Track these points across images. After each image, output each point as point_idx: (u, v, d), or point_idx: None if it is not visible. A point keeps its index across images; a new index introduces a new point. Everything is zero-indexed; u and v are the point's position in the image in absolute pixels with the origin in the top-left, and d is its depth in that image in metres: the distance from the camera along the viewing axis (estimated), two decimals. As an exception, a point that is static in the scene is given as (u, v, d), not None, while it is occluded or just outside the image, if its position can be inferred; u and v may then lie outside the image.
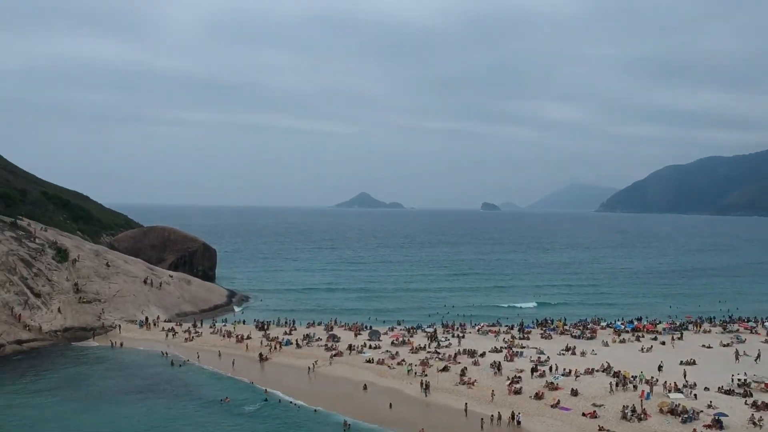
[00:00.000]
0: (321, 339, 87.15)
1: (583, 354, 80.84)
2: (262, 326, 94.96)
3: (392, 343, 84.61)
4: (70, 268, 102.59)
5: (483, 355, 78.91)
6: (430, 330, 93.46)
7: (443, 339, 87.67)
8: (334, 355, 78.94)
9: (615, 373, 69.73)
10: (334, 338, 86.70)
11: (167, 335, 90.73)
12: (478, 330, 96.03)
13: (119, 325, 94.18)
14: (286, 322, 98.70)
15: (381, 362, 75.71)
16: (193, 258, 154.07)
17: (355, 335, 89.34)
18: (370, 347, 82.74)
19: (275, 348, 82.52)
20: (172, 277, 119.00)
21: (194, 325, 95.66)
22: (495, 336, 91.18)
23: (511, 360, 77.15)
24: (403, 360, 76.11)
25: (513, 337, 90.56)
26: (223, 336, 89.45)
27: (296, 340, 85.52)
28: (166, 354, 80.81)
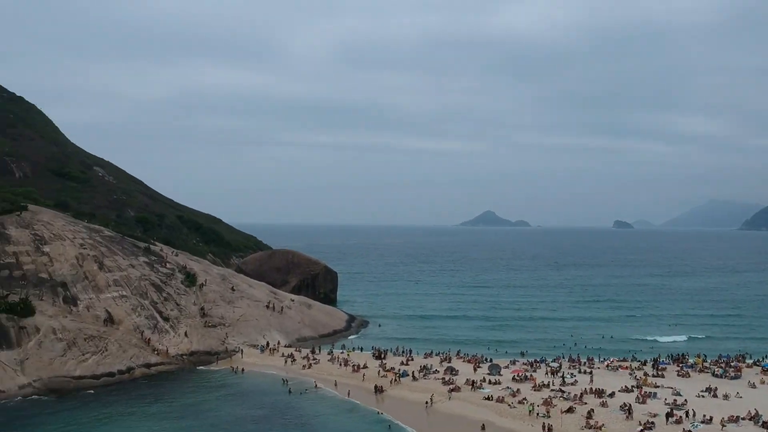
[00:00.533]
0: (438, 371, 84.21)
1: (726, 397, 72.91)
2: (379, 355, 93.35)
3: (513, 378, 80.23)
4: (197, 293, 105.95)
5: (612, 395, 72.99)
6: (555, 365, 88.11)
7: (569, 375, 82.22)
8: (452, 390, 75.72)
9: (765, 423, 62.03)
10: (452, 371, 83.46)
11: (286, 361, 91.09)
12: (608, 365, 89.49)
13: (242, 350, 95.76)
14: (403, 352, 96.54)
15: (501, 400, 71.67)
16: (315, 281, 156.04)
17: (475, 369, 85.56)
18: (490, 382, 78.80)
19: (395, 381, 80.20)
20: (293, 301, 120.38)
21: (312, 351, 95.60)
22: (629, 373, 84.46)
23: (644, 402, 70.77)
24: (525, 398, 71.66)
25: (646, 374, 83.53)
26: (340, 364, 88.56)
27: (413, 372, 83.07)
28: (286, 381, 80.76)
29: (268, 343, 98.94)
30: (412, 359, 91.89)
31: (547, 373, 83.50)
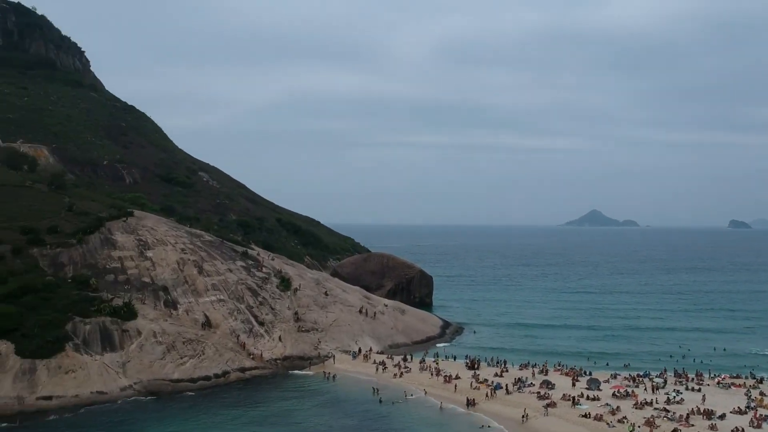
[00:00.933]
0: (534, 384, 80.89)
1: None
2: (472, 365, 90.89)
3: (613, 394, 75.78)
4: (291, 297, 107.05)
5: (723, 417, 67.48)
6: (660, 380, 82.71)
7: (674, 392, 76.86)
8: (548, 406, 72.32)
9: None
10: (548, 384, 79.91)
11: (377, 369, 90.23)
12: (718, 382, 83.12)
13: (334, 356, 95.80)
14: (497, 362, 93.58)
15: (599, 418, 67.74)
16: (411, 285, 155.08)
17: (573, 383, 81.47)
18: (588, 398, 74.78)
19: (491, 395, 77.39)
20: (387, 306, 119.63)
21: (404, 359, 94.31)
22: (744, 393, 78.01)
23: (759, 426, 65.01)
24: (625, 417, 67.38)
25: (762, 394, 76.92)
26: (432, 374, 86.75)
27: (506, 385, 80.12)
28: (377, 391, 79.79)
29: (360, 349, 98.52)
30: (507, 370, 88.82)
31: (650, 390, 78.46)
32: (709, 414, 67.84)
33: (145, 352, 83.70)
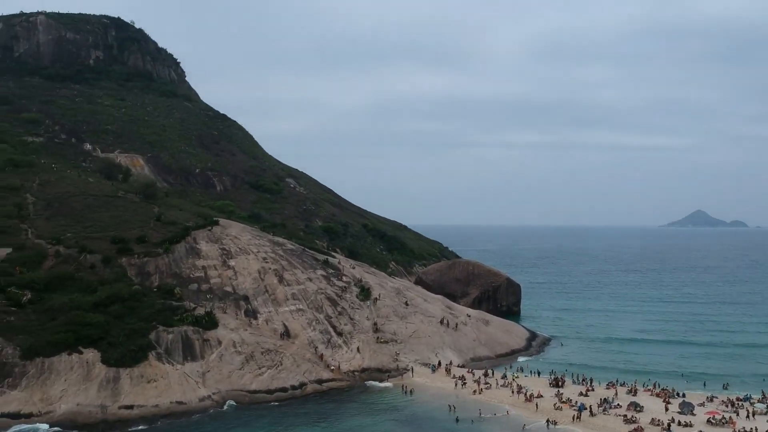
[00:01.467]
0: (621, 406, 76.13)
1: None
2: (556, 382, 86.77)
3: (708, 420, 70.16)
4: (371, 307, 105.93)
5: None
6: (762, 405, 76.03)
7: (781, 421, 70.37)
8: (634, 431, 67.72)
9: None
10: (636, 407, 74.90)
11: (456, 384, 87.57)
12: (834, 410, 75.57)
13: (412, 368, 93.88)
14: (583, 380, 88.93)
15: (692, 448, 62.72)
16: (497, 293, 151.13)
17: (666, 406, 75.95)
18: (679, 423, 69.52)
19: (576, 418, 73.33)
20: (469, 317, 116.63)
21: (485, 374, 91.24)
22: None
23: None
24: (722, 448, 62.10)
25: None
26: (513, 391, 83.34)
27: (590, 406, 75.73)
28: (453, 408, 77.25)
29: (439, 362, 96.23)
30: (593, 389, 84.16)
31: (751, 416, 72.21)
32: (818, 448, 61.52)
33: (224, 362, 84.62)
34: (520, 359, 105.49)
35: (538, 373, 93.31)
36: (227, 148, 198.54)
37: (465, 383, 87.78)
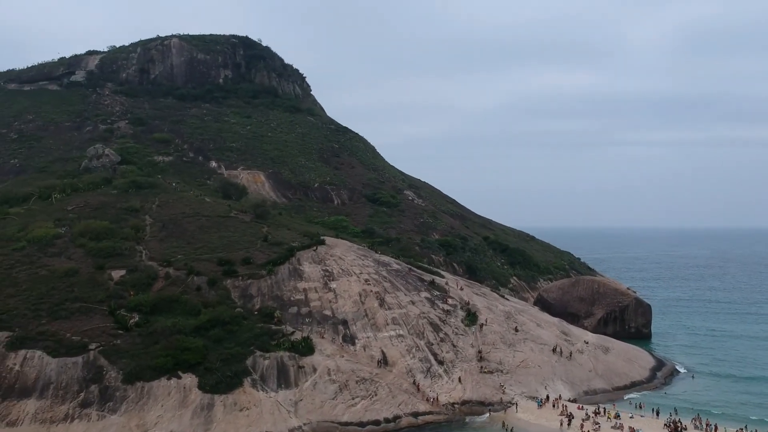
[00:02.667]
0: (750, 462, 66.51)
1: None
2: (675, 427, 77.65)
3: None
4: (476, 333, 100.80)
5: None
6: None
7: None
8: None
9: None
10: (769, 466, 65.07)
11: (562, 423, 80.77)
12: None
13: (517, 403, 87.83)
14: (707, 425, 78.95)
15: None
16: (624, 314, 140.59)
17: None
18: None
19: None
20: (587, 343, 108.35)
21: (596, 412, 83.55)
22: None
23: None
24: None
25: None
26: (624, 436, 75.48)
27: (712, 461, 66.67)
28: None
29: (548, 396, 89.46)
30: (718, 438, 74.52)
31: None
32: None
33: (317, 390, 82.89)
34: (640, 393, 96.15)
35: (657, 413, 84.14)
36: (347, 161, 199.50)
37: (571, 422, 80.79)
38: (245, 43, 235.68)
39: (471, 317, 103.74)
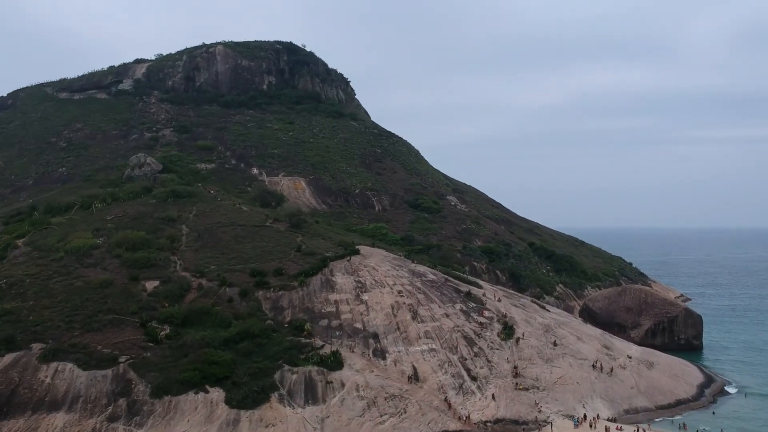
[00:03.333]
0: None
1: None
2: (720, 454, 73.29)
3: None
4: (512, 348, 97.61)
5: None
6: None
7: None
8: None
9: None
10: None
11: (599, 445, 77.24)
12: None
13: (552, 422, 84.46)
14: (756, 453, 74.34)
15: None
16: (673, 325, 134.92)
17: None
18: None
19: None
20: (630, 358, 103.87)
21: (637, 434, 79.67)
22: None
23: None
24: None
25: None
26: (664, 462, 71.55)
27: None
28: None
29: (585, 415, 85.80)
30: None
31: None
32: None
33: (345, 407, 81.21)
34: (685, 414, 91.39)
35: (703, 436, 79.87)
36: (389, 166, 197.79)
37: (609, 445, 77.17)
38: (289, 48, 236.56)
39: (508, 331, 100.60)
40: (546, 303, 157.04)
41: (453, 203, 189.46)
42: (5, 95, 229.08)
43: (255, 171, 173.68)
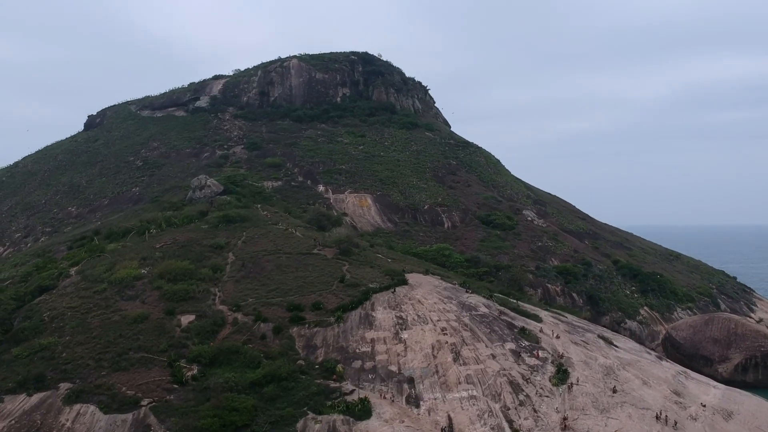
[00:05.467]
0: None
1: None
2: None
3: None
4: (564, 395, 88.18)
5: None
6: None
7: None
8: None
9: None
10: None
11: None
12: None
13: (602, 487, 74.97)
14: None
15: None
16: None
17: None
18: None
19: None
20: (704, 407, 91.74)
21: None
22: None
23: None
24: None
25: None
26: None
27: None
28: None
29: (641, 481, 75.65)
30: None
31: None
32: None
33: (368, 463, 75.26)
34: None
35: None
36: (463, 179, 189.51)
37: None
38: (364, 59, 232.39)
39: (561, 374, 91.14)
40: (626, 329, 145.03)
41: (530, 218, 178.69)
42: (95, 113, 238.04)
43: (321, 188, 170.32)
